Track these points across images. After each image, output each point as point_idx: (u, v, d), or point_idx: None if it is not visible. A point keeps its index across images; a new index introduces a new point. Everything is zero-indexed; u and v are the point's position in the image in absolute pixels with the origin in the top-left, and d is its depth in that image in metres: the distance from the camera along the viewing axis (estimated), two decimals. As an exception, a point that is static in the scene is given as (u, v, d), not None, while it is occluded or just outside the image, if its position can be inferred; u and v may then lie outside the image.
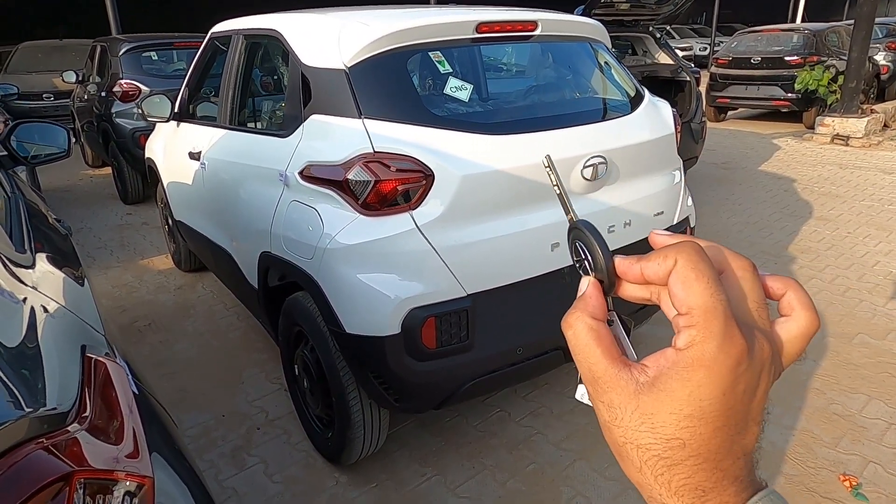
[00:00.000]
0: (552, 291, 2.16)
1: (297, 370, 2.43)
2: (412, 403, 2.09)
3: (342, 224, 1.90)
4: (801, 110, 9.30)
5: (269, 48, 2.53)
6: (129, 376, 0.86)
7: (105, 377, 0.69)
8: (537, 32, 2.31)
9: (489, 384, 2.13)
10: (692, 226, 2.71)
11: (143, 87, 5.88)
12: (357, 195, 1.86)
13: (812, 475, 2.26)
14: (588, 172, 2.09)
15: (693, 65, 6.39)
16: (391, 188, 1.84)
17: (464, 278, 1.92)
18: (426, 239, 1.86)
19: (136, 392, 0.89)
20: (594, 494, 2.22)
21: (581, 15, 4.61)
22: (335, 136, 1.98)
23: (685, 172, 5.65)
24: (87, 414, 0.57)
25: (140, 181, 6.02)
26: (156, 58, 6.24)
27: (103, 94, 6.22)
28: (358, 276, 1.88)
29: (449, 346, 1.94)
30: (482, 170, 1.90)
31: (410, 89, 2.01)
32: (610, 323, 0.38)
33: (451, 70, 2.09)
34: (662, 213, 2.45)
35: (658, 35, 5.47)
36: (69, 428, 0.54)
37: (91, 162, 7.97)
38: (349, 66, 1.98)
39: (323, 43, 2.12)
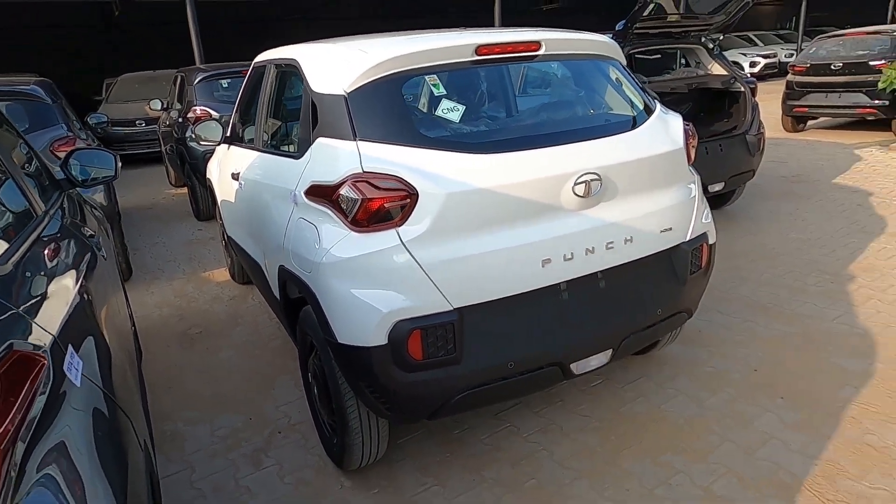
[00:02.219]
0: (546, 308, 2.17)
1: (309, 378, 2.57)
2: (403, 413, 2.16)
3: (335, 239, 2.02)
4: (889, 118, 8.62)
5: (292, 76, 2.73)
6: (54, 370, 0.97)
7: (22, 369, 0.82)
8: (541, 52, 2.35)
9: (481, 397, 2.17)
10: (711, 242, 2.62)
11: (213, 113, 6.37)
12: (347, 212, 1.98)
13: (829, 508, 2.13)
14: (580, 189, 2.10)
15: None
16: (378, 206, 1.94)
17: (450, 292, 1.98)
18: (411, 254, 1.94)
19: (78, 384, 1.03)
20: (589, 514, 2.19)
21: (621, 29, 4.57)
22: (334, 158, 2.11)
23: (742, 186, 5.43)
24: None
25: (210, 199, 6.49)
26: (226, 85, 6.75)
27: (181, 119, 6.80)
28: (348, 288, 1.99)
29: (436, 358, 2.00)
30: (467, 188, 1.96)
31: (403, 112, 2.12)
32: None
33: (444, 92, 2.18)
34: (671, 229, 2.40)
35: (711, 46, 5.30)
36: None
37: (174, 182, 8.66)
38: (348, 91, 2.12)
39: (329, 71, 2.27)
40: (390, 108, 2.09)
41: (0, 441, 0.72)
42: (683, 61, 5.60)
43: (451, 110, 2.15)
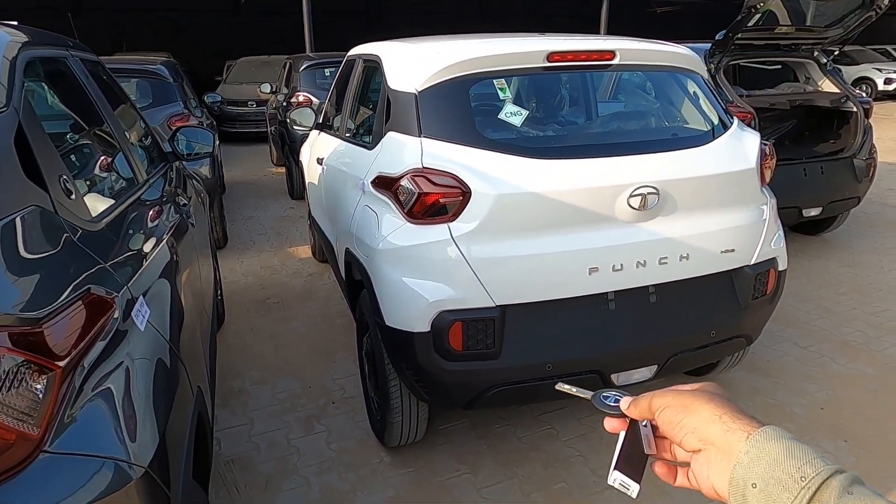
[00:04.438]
0: (590, 315, 2.20)
1: (363, 355, 2.74)
2: (440, 398, 2.27)
3: (392, 228, 2.16)
4: None
5: (375, 71, 2.89)
6: (122, 317, 1.15)
7: (92, 309, 1.01)
8: (615, 62, 2.36)
9: (517, 394, 2.23)
10: (780, 269, 2.52)
11: (314, 99, 6.76)
12: (404, 204, 2.10)
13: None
14: (635, 202, 2.10)
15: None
16: (432, 201, 2.05)
17: (493, 290, 2.06)
18: (460, 250, 2.04)
19: (142, 329, 1.22)
20: (613, 524, 2.20)
21: (721, 38, 4.39)
22: (399, 152, 2.25)
23: (846, 213, 5.05)
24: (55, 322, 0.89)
25: (301, 180, 6.90)
26: (328, 74, 7.12)
27: (285, 103, 7.27)
28: (399, 275, 2.12)
29: (475, 350, 2.09)
30: (519, 191, 2.03)
31: (467, 113, 2.20)
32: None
33: (510, 96, 2.24)
34: (733, 250, 2.33)
35: (824, 60, 4.96)
36: (35, 328, 0.86)
37: (275, 161, 9.25)
38: (419, 90, 2.24)
39: (405, 69, 2.40)
40: (456, 109, 2.19)
41: (67, 363, 0.90)
42: (792, 76, 5.27)
43: (514, 114, 2.22)
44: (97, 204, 1.50)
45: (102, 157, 1.94)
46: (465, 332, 2.07)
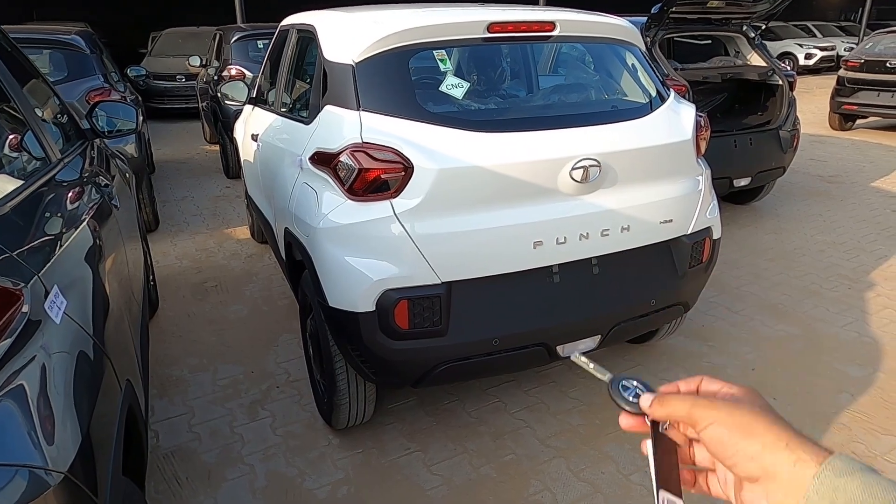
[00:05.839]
0: (535, 288, 2.21)
1: (306, 337, 2.67)
2: (387, 378, 2.24)
3: (332, 206, 2.08)
4: (944, 122, 8.22)
5: (310, 42, 2.77)
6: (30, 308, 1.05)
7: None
8: (556, 33, 2.34)
9: (465, 370, 2.23)
10: (715, 237, 2.60)
11: (247, 73, 6.47)
12: (344, 181, 2.03)
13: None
14: (578, 174, 2.10)
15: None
16: (373, 177, 1.98)
17: (439, 266, 2.03)
18: (403, 226, 1.99)
19: (57, 322, 1.12)
20: (561, 492, 2.25)
21: (657, 12, 4.46)
22: (337, 126, 2.16)
23: (772, 183, 5.29)
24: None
25: (237, 157, 6.63)
26: (261, 46, 6.82)
27: (216, 77, 6.92)
28: (340, 254, 2.06)
29: (421, 328, 2.06)
30: (461, 165, 1.99)
31: (406, 85, 2.14)
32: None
33: (450, 68, 2.19)
34: (671, 220, 2.39)
35: (752, 35, 5.12)
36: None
37: (209, 139, 8.84)
38: (357, 61, 2.15)
39: (341, 39, 2.30)
40: (395, 81, 2.12)
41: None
42: (723, 51, 5.43)
43: (455, 86, 2.17)
44: (1, 186, 1.36)
45: (8, 136, 1.77)
46: (410, 311, 2.03)
